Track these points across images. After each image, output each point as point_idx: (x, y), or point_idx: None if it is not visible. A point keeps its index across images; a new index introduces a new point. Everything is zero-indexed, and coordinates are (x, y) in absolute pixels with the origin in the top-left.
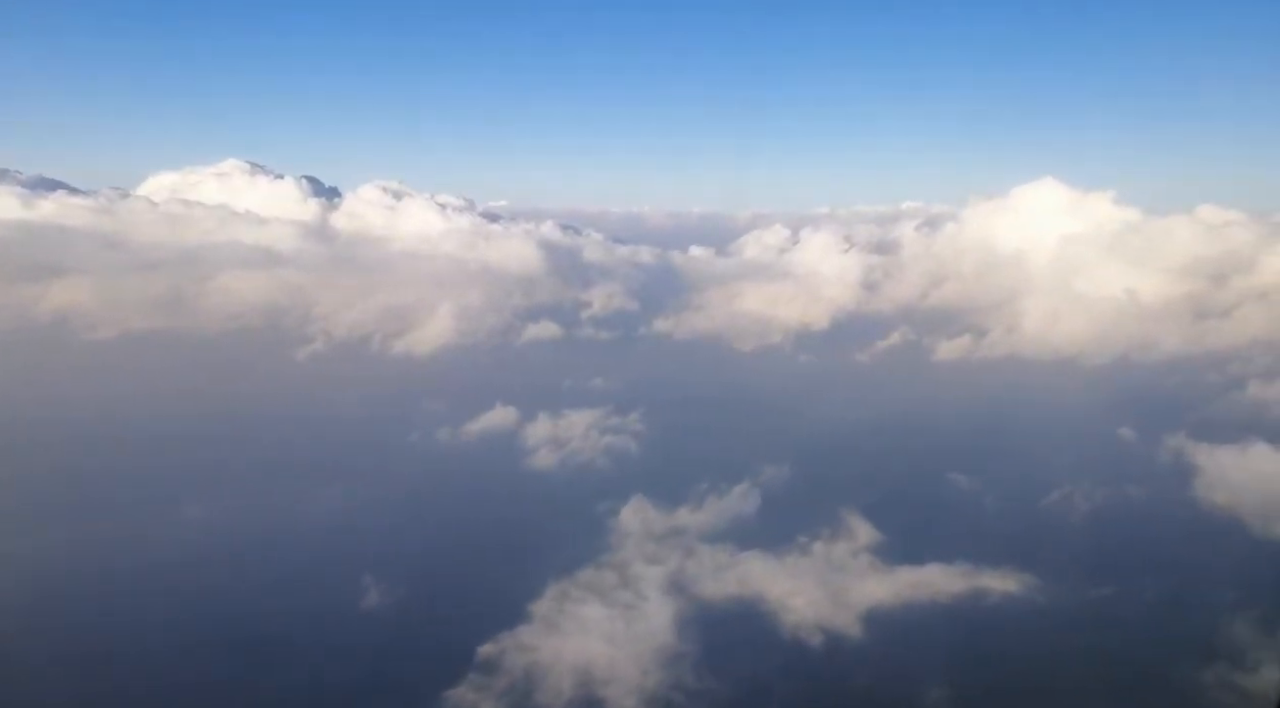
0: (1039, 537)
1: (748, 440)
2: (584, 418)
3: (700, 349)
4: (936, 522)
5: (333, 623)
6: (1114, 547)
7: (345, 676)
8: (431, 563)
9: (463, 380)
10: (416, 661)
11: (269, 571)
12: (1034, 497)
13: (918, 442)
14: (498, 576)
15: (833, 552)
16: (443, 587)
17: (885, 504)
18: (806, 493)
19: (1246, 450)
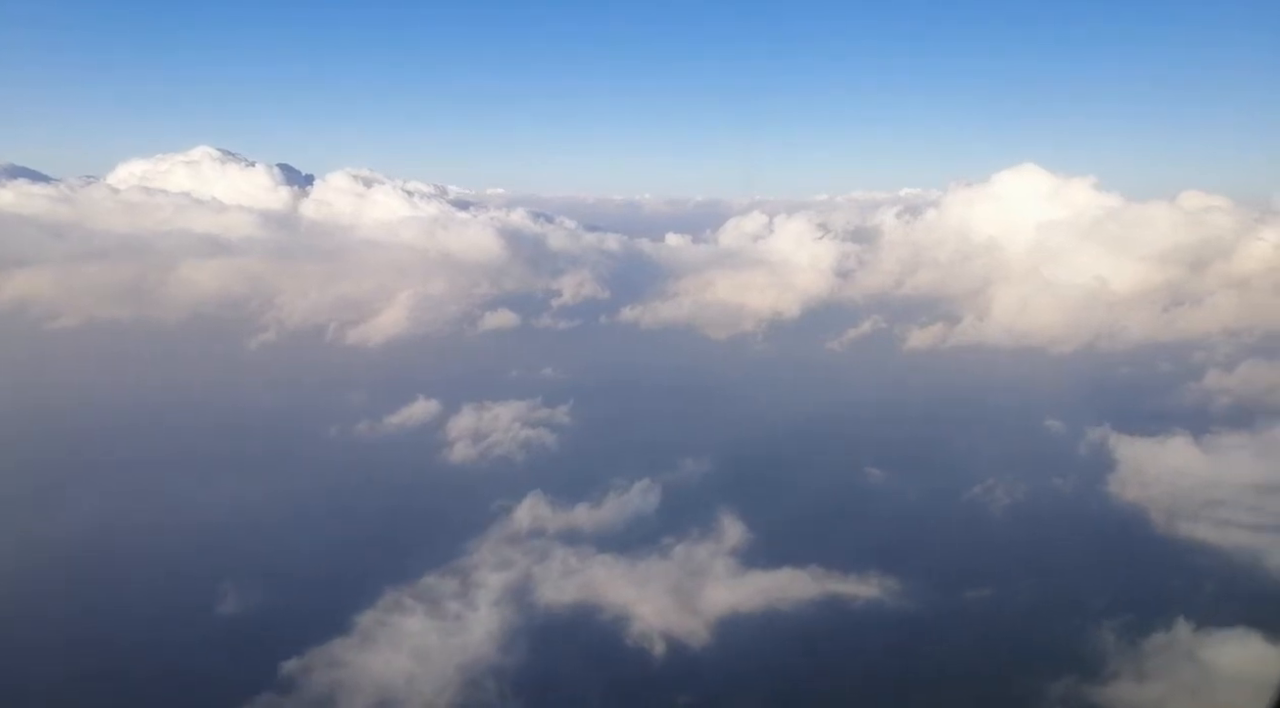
0: (934, 535)
1: (680, 432)
2: (510, 410)
3: (666, 338)
4: (828, 520)
5: (174, 630)
6: (1008, 545)
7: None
8: (297, 565)
9: (408, 371)
10: (220, 678)
11: (131, 568)
12: (952, 491)
13: (854, 433)
14: (346, 580)
15: (695, 554)
16: (294, 592)
17: (780, 501)
18: (709, 490)
19: (1165, 443)
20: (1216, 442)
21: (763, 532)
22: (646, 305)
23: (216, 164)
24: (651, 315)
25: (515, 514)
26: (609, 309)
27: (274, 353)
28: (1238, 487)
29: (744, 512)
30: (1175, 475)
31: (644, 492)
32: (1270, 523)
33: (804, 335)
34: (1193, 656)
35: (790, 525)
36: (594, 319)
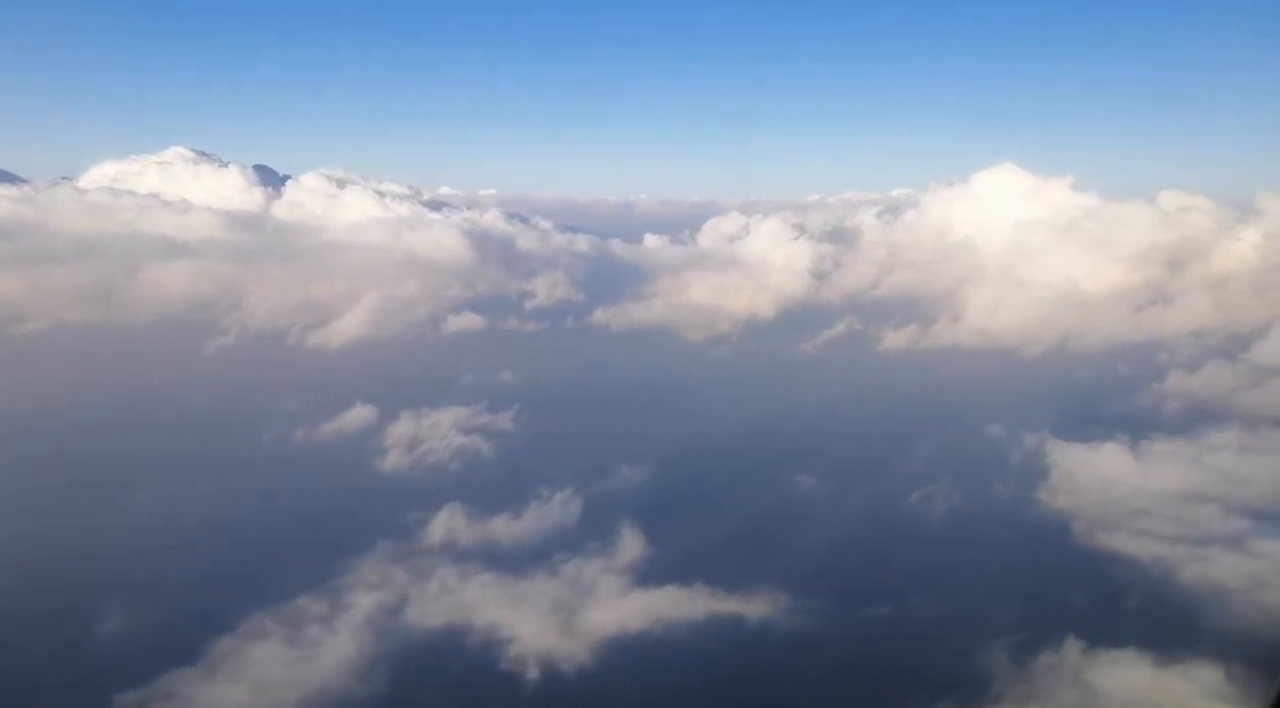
0: (851, 548)
1: (628, 438)
2: (451, 416)
3: (637, 340)
4: (745, 533)
5: (46, 655)
6: (926, 557)
7: None
8: (177, 582)
9: (362, 375)
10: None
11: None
12: (887, 499)
13: (804, 438)
14: (219, 600)
15: (589, 571)
16: (164, 612)
17: (704, 512)
18: (634, 501)
19: (1097, 450)
20: (1151, 448)
21: (669, 546)
22: (619, 308)
23: (189, 165)
24: (623, 318)
25: (428, 528)
26: (581, 311)
27: (231, 357)
28: (1164, 496)
29: (660, 525)
30: (1105, 483)
31: (564, 503)
32: (1190, 534)
33: (778, 337)
34: (1077, 678)
35: (703, 539)
36: (567, 321)
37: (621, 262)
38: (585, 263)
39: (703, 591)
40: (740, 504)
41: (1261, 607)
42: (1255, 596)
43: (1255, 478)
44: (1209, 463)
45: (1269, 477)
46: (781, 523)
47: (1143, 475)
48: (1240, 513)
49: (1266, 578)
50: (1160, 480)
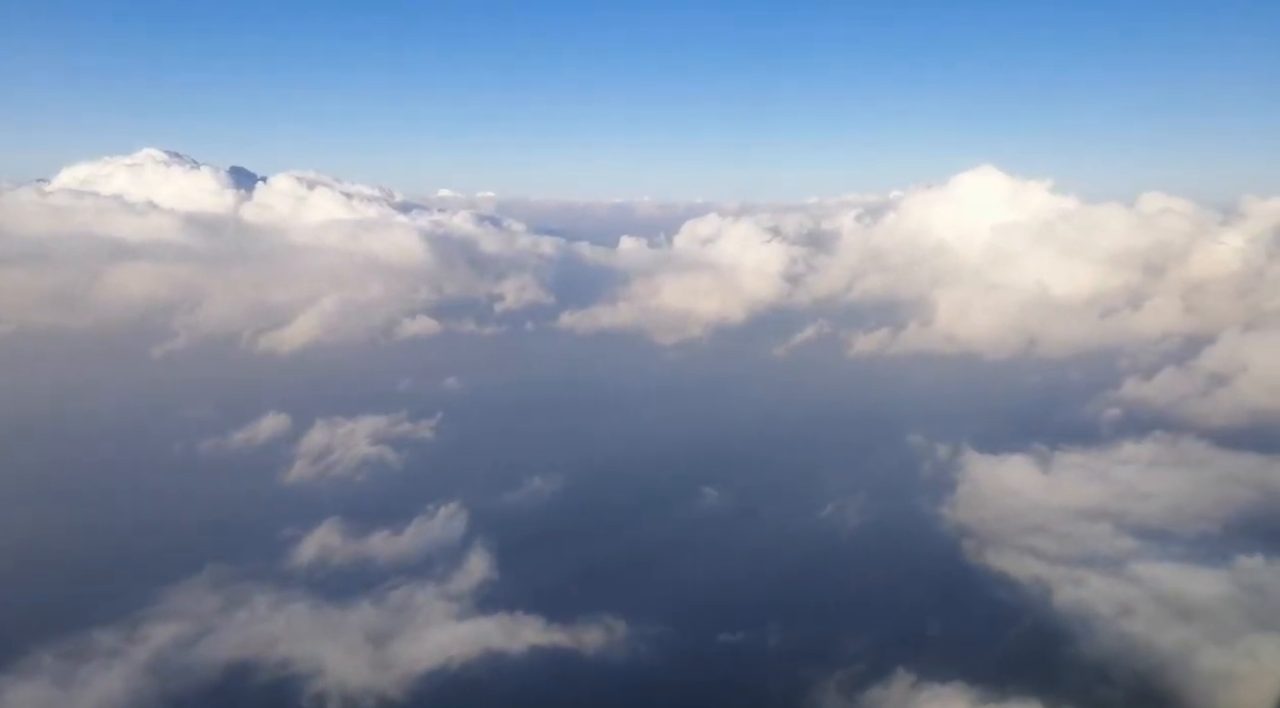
0: (729, 568)
1: (554, 446)
2: (369, 425)
3: (601, 344)
4: (617, 553)
5: None
6: (803, 577)
7: None
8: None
9: (303, 381)
10: None
11: None
12: (793, 514)
13: (732, 448)
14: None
15: (420, 597)
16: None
17: (593, 528)
18: (523, 516)
19: (1005, 462)
20: (1063, 461)
21: (534, 569)
22: (586, 312)
23: (160, 166)
24: (589, 322)
25: (299, 546)
26: (548, 315)
27: (176, 361)
28: (1062, 511)
29: (537, 545)
30: (1008, 498)
31: (448, 519)
32: (1074, 554)
33: (748, 342)
34: None
35: (575, 562)
36: (533, 325)
37: (593, 265)
38: (555, 266)
39: (540, 620)
40: (636, 522)
41: (1120, 637)
42: (1117, 624)
43: (1159, 493)
44: (1116, 477)
45: (1172, 492)
46: (669, 544)
47: (1046, 490)
48: (1130, 531)
49: (1134, 605)
50: (1062, 495)
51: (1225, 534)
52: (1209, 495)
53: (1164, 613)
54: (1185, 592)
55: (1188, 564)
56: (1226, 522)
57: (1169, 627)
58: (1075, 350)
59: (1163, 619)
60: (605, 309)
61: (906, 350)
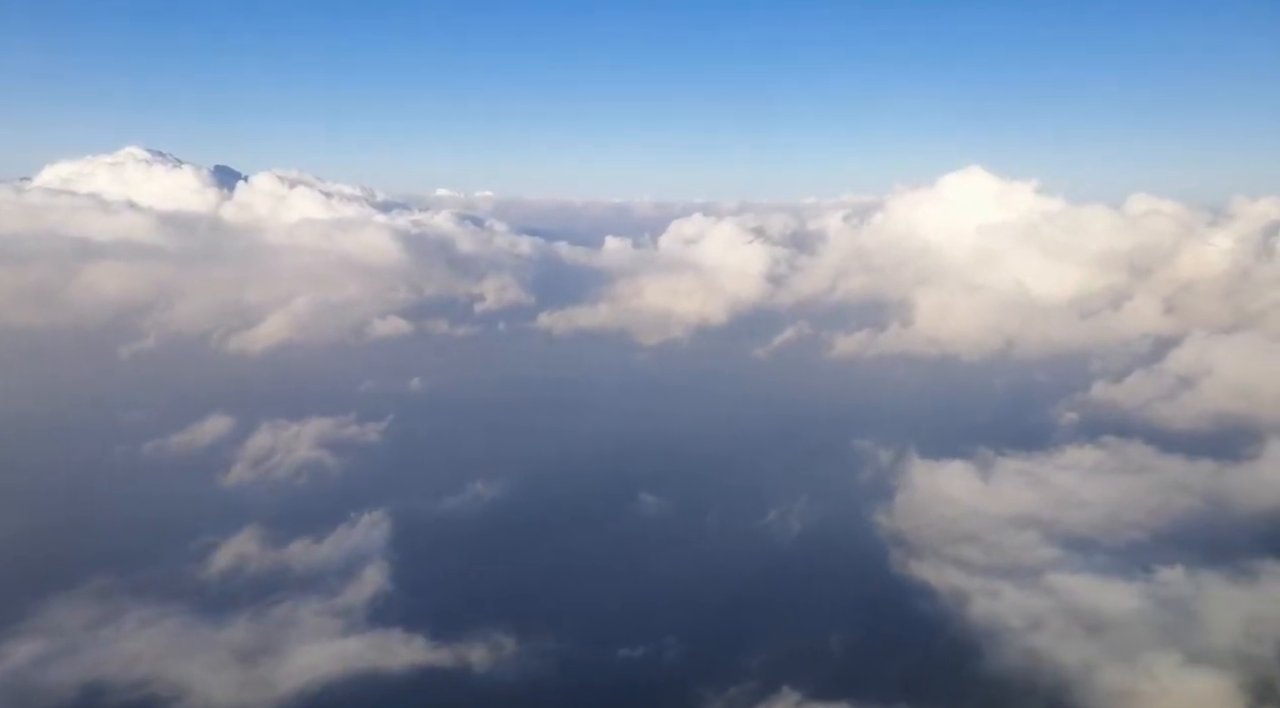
0: (649, 579)
1: (504, 449)
2: (315, 428)
3: (577, 345)
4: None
5: None
6: (721, 588)
7: None
8: None
9: (262, 382)
10: None
11: None
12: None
13: (687, 452)
14: None
15: (305, 611)
16: None
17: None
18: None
19: (943, 468)
20: (1005, 466)
21: (441, 581)
22: (565, 312)
23: (142, 165)
24: (567, 322)
25: (216, 553)
26: (527, 315)
27: (144, 361)
28: (993, 519)
29: (454, 554)
30: (945, 504)
31: (370, 527)
32: (997, 564)
33: (729, 342)
34: None
35: (486, 573)
36: (509, 325)
37: (576, 265)
38: (536, 266)
39: (424, 637)
40: (567, 530)
41: (1027, 652)
42: (1025, 639)
43: (1095, 501)
44: (1056, 483)
45: (1109, 499)
46: (592, 554)
47: (984, 496)
48: (1057, 541)
49: (1045, 618)
50: (998, 502)
51: (1154, 544)
52: (1147, 503)
53: (1073, 627)
54: (1098, 605)
55: (1107, 576)
56: (1159, 531)
57: (1076, 642)
58: (1052, 352)
59: (1071, 634)
60: (584, 310)
61: (886, 352)
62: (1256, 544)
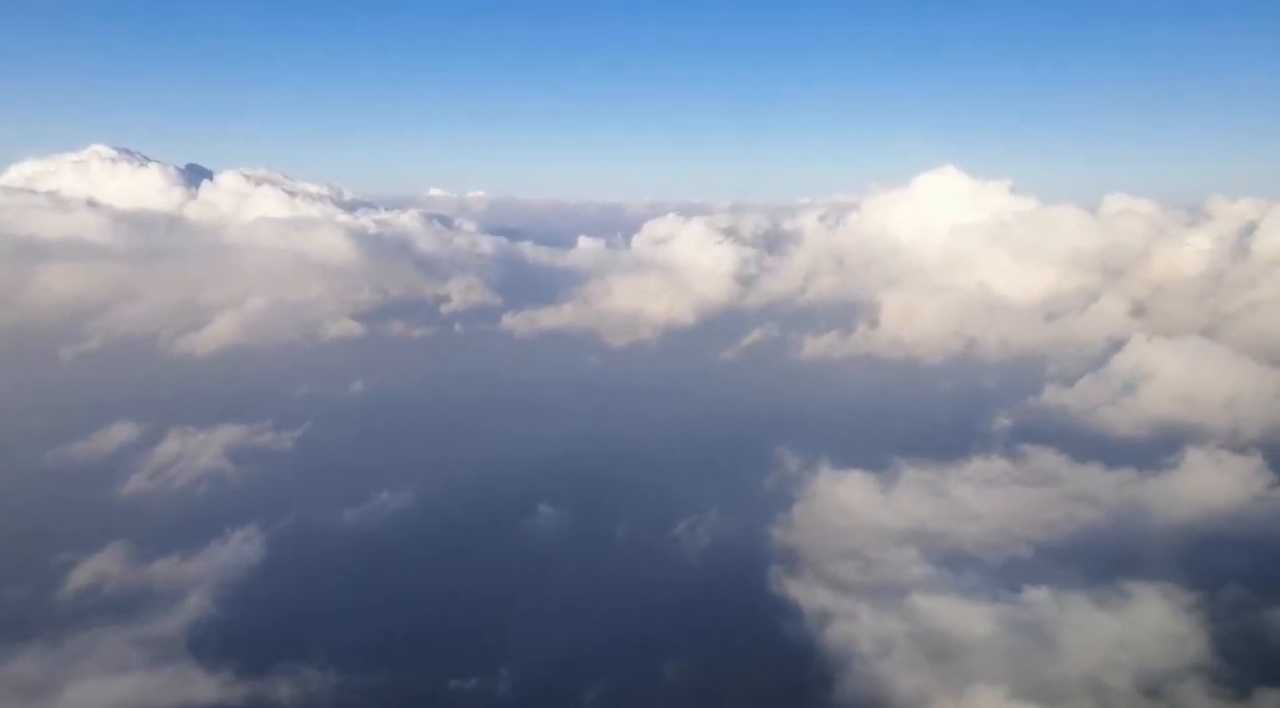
0: (526, 602)
1: (421, 456)
2: (227, 434)
3: (540, 346)
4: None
5: None
6: (589, 609)
7: None
8: None
9: (203, 386)
10: None
11: None
12: (639, 533)
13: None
14: None
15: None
16: None
17: (387, 554)
18: (343, 537)
19: (844, 479)
20: (909, 476)
21: (276, 605)
22: (529, 313)
23: (107, 163)
24: (529, 324)
25: (76, 571)
26: (492, 317)
27: (83, 365)
28: (880, 533)
29: (321, 573)
30: (839, 517)
31: (242, 543)
32: (869, 583)
33: (696, 344)
34: None
35: (343, 598)
36: (462, 327)
37: (545, 266)
38: (503, 267)
39: (231, 670)
40: (460, 544)
41: (870, 680)
42: (872, 666)
43: (988, 514)
44: (953, 495)
45: (1003, 512)
46: (465, 572)
47: (879, 509)
48: (935, 558)
49: (896, 643)
50: (891, 515)
51: (1038, 561)
52: (1045, 516)
53: (921, 653)
54: (951, 629)
55: (972, 596)
56: (1048, 546)
57: (918, 670)
58: (1012, 355)
59: (917, 660)
60: (549, 311)
61: (852, 354)
62: (1151, 561)
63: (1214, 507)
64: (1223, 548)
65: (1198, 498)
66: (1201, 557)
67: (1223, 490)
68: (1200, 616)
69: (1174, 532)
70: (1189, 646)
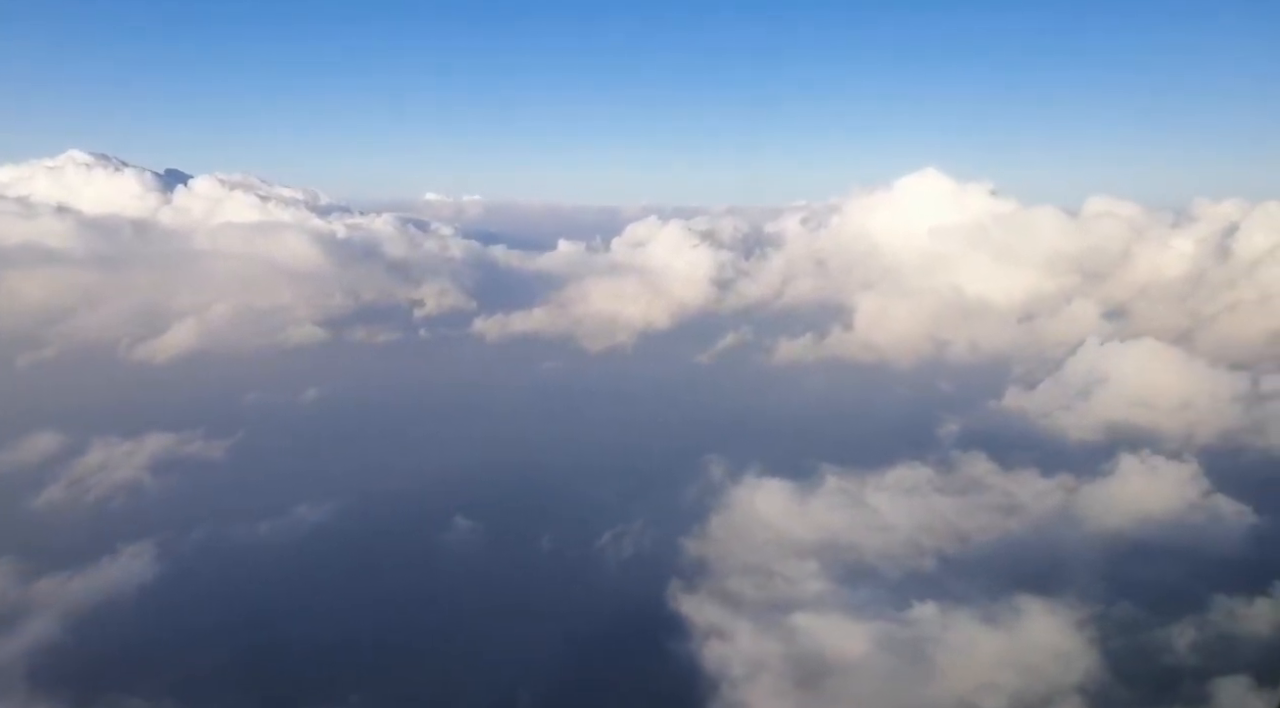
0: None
1: (352, 466)
2: (154, 443)
3: (511, 351)
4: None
5: None
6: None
7: None
8: None
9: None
10: None
11: None
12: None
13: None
14: None
15: None
16: None
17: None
18: (238, 554)
19: (762, 488)
20: (831, 484)
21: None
22: (501, 318)
23: (83, 169)
24: (499, 328)
25: None
26: (466, 321)
27: (40, 372)
28: (787, 545)
29: (209, 591)
30: (753, 528)
31: (133, 558)
32: (761, 599)
33: (671, 348)
34: None
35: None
36: (427, 332)
37: (522, 270)
38: (478, 271)
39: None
40: (359, 562)
41: (729, 704)
42: (739, 690)
43: (899, 525)
44: (869, 504)
45: (913, 523)
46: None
47: (792, 519)
48: (836, 572)
49: (766, 665)
50: (802, 526)
51: (938, 573)
52: (959, 526)
53: (791, 676)
54: (826, 650)
55: (860, 613)
56: (953, 558)
57: (784, 695)
58: (982, 358)
59: (784, 685)
60: (521, 315)
61: (824, 357)
62: (1062, 573)
63: (1145, 515)
64: (1146, 558)
65: (1128, 506)
66: (1121, 568)
67: (1155, 498)
68: (1093, 632)
69: (1097, 542)
70: (1076, 664)
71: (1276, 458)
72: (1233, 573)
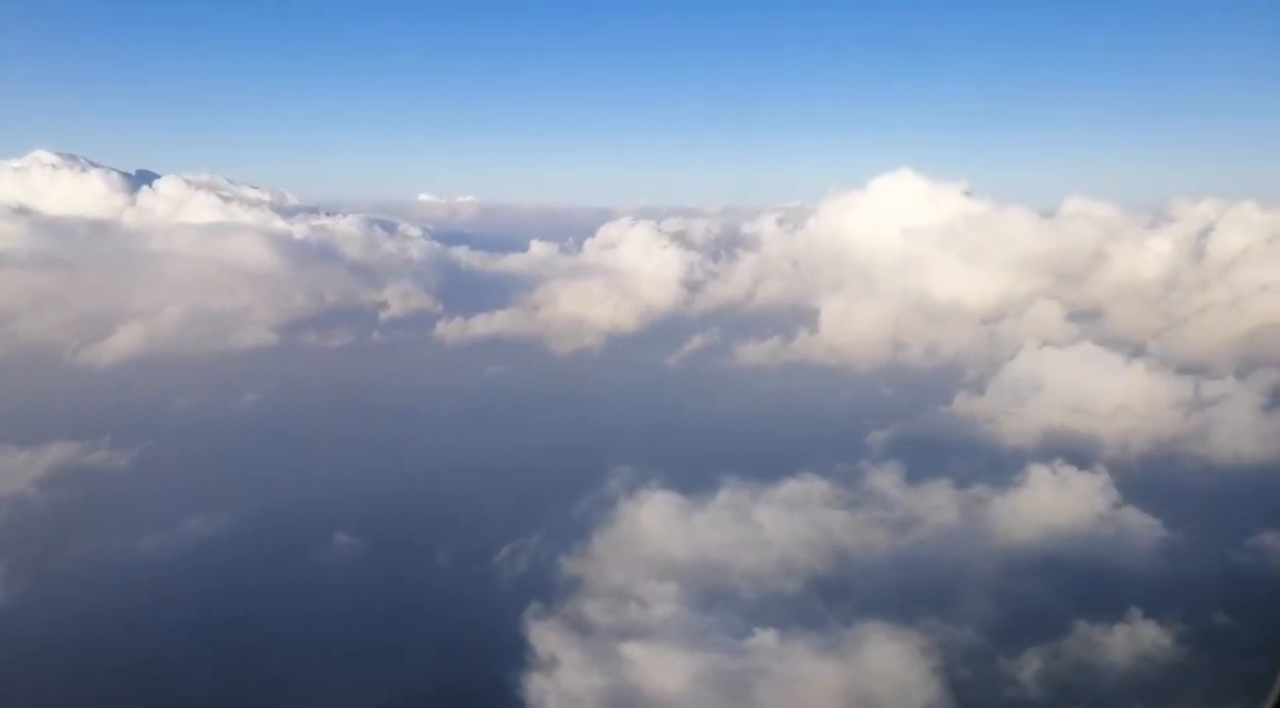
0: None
1: (258, 476)
2: (53, 453)
3: (470, 354)
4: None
5: None
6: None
7: None
8: None
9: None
10: None
11: None
12: (459, 561)
13: (452, 483)
14: None
15: None
16: None
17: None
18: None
19: (648, 502)
20: (722, 499)
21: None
22: (463, 320)
23: (48, 169)
24: (461, 331)
25: None
26: (430, 324)
27: None
28: (654, 564)
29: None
30: (630, 546)
31: None
32: (610, 624)
33: (638, 351)
34: None
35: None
36: (388, 335)
37: (493, 271)
38: (445, 272)
39: None
40: (247, 579)
41: None
42: None
43: (777, 542)
44: (754, 520)
45: (793, 541)
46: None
47: (673, 536)
48: (694, 595)
49: (582, 701)
50: (681, 543)
51: (800, 595)
52: (840, 543)
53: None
54: (646, 683)
55: (692, 642)
56: (821, 578)
57: None
58: (940, 361)
59: None
60: (484, 317)
61: (789, 360)
62: (941, 593)
63: (1050, 528)
64: (1037, 575)
65: (1034, 520)
66: (1005, 586)
67: (1062, 510)
68: (938, 661)
69: (988, 559)
70: (916, 696)
71: (1201, 468)
72: (1126, 592)
